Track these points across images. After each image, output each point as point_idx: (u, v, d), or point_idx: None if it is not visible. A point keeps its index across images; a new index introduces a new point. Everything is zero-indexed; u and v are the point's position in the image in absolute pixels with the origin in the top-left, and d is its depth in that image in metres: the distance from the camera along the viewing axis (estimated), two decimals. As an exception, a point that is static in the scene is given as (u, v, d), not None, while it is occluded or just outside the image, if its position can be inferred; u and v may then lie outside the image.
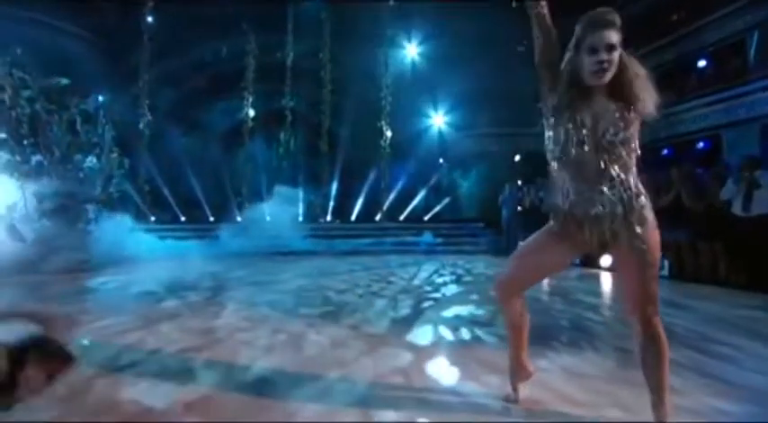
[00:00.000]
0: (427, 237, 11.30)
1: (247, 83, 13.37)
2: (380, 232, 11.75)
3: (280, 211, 12.62)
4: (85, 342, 3.07)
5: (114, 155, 8.14)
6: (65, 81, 7.67)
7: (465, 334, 3.29)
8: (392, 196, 14.01)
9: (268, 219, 13.81)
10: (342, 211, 14.40)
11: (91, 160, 7.77)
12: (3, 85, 6.87)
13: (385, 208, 13.85)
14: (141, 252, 9.01)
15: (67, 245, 7.19)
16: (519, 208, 10.29)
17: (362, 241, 10.91)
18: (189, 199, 13.52)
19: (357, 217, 14.49)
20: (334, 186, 14.22)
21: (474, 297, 4.79)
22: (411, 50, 14.54)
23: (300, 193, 13.60)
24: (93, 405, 2.10)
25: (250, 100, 13.50)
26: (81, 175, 7.56)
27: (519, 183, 10.96)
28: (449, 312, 4.02)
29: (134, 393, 2.21)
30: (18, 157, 6.87)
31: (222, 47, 13.50)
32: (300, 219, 13.49)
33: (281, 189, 12.97)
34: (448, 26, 13.10)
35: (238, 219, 13.82)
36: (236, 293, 5.05)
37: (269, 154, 14.07)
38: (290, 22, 13.59)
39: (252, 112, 13.55)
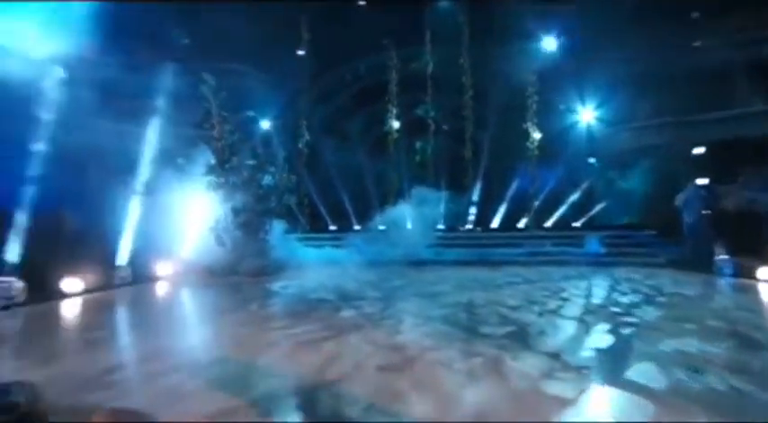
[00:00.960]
0: (593, 245, 9.97)
1: (390, 95, 13.90)
2: (533, 240, 10.87)
3: (420, 218, 12.73)
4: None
5: (285, 174, 9.19)
6: (251, 114, 8.93)
7: (715, 382, 2.60)
8: (538, 202, 12.94)
9: (409, 226, 14.08)
10: (483, 218, 13.87)
11: (268, 179, 8.88)
12: (213, 124, 8.38)
13: (531, 214, 12.86)
14: (302, 259, 9.97)
15: (253, 252, 8.31)
16: (706, 211, 8.42)
17: (514, 251, 10.22)
18: (338, 209, 14.62)
19: (500, 224, 13.79)
20: (476, 193, 13.78)
21: (689, 326, 3.89)
22: (551, 44, 13.31)
23: (441, 200, 13.52)
24: None
25: (393, 111, 14.01)
26: (260, 191, 8.69)
27: (703, 181, 9.00)
28: (666, 346, 3.30)
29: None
30: (221, 179, 8.22)
31: (365, 64, 14.28)
32: (441, 226, 13.39)
33: (420, 192, 13.02)
34: (592, 8, 11.54)
35: (381, 227, 14.38)
36: (406, 305, 5.06)
37: (410, 163, 14.39)
38: (428, 31, 13.74)
39: (395, 123, 14.02)
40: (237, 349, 3.32)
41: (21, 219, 5.63)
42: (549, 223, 13.08)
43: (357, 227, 15.17)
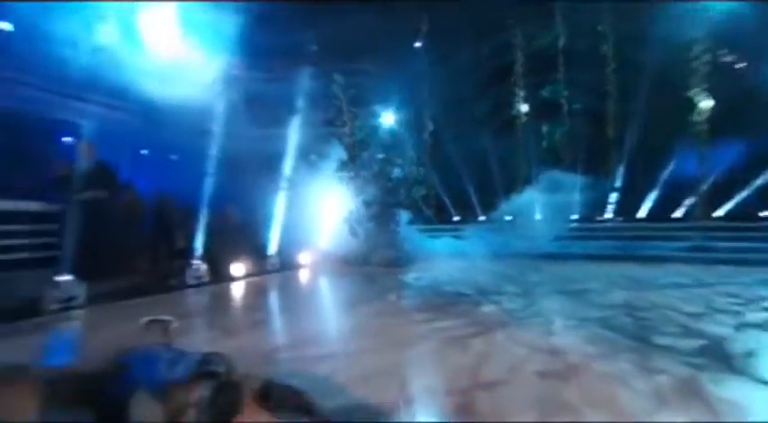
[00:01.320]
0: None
1: (516, 77, 12.98)
2: (696, 233, 9.07)
3: (551, 207, 11.63)
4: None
5: (413, 166, 9.30)
6: (378, 108, 9.21)
7: None
8: (707, 186, 10.69)
9: (538, 216, 13.03)
10: (628, 206, 12.10)
11: (397, 171, 9.08)
12: (344, 120, 8.90)
13: (695, 202, 10.72)
14: (427, 250, 9.97)
15: (384, 243, 8.60)
16: None
17: (671, 245, 8.66)
18: (462, 199, 14.30)
19: (649, 214, 11.85)
20: (618, 178, 12.07)
21: None
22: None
23: (576, 186, 12.17)
24: None
25: (520, 94, 13.07)
26: (390, 184, 8.92)
27: None
28: None
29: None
30: (353, 173, 8.69)
31: (488, 46, 13.54)
32: (575, 216, 12.11)
33: (552, 178, 11.87)
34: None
35: (507, 217, 13.62)
36: (551, 303, 4.61)
37: (540, 148, 13.28)
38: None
39: (522, 107, 13.07)
40: (386, 340, 3.38)
41: (201, 214, 6.73)
42: (719, 212, 10.78)
43: (481, 217, 14.71)
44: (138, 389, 1.90)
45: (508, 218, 13.82)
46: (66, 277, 4.58)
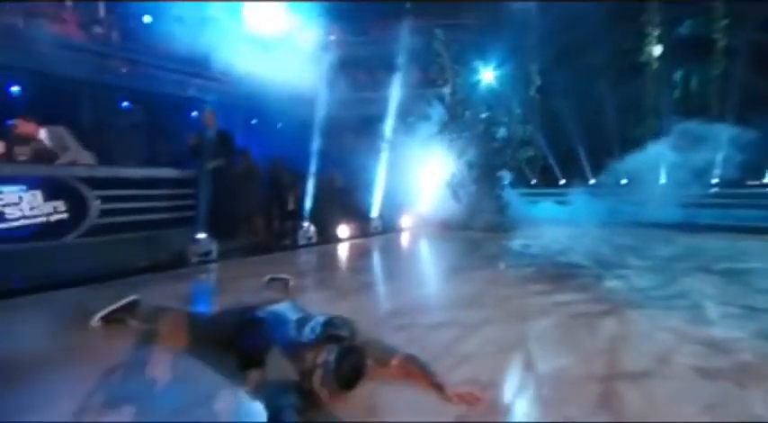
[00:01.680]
0: None
1: (647, 13, 10.89)
2: None
3: (684, 165, 9.79)
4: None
5: (520, 125, 8.51)
6: (481, 64, 8.50)
7: None
8: None
9: (663, 180, 11.22)
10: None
11: (502, 131, 8.40)
12: (447, 78, 8.41)
13: None
14: (531, 215, 9.26)
15: (488, 207, 8.17)
16: None
17: None
18: (571, 160, 12.91)
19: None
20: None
21: None
22: None
23: (720, 141, 10.03)
24: None
25: (648, 36, 11.00)
26: (495, 145, 8.32)
27: None
28: None
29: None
30: (455, 134, 8.27)
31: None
32: (715, 180, 10.14)
33: (686, 132, 9.92)
34: None
35: (623, 181, 12.01)
36: (695, 284, 3.87)
37: (672, 96, 11.20)
38: None
39: (651, 49, 11.04)
40: (503, 312, 3.15)
41: (309, 179, 7.02)
42: None
43: (591, 181, 13.26)
44: (270, 345, 1.98)
45: (623, 181, 12.25)
46: (202, 235, 5.16)
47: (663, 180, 10.62)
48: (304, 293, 3.65)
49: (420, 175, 8.55)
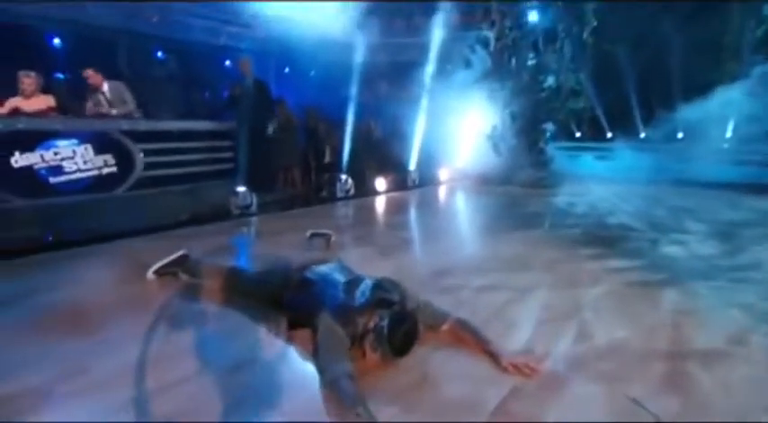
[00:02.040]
0: None
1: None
2: None
3: (755, 116, 8.75)
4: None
5: (570, 73, 7.80)
6: (531, 7, 7.68)
7: None
8: None
9: (728, 135, 10.20)
10: None
11: (550, 80, 7.75)
12: (493, 21, 7.68)
13: None
14: (575, 171, 8.72)
15: (530, 162, 7.76)
16: None
17: None
18: (621, 111, 11.92)
19: None
20: None
21: None
22: None
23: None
24: None
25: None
26: (542, 95, 7.71)
27: None
28: None
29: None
30: (499, 83, 7.70)
31: None
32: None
33: None
34: None
35: (679, 135, 11.05)
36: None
37: (754, 35, 9.84)
38: None
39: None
40: (555, 277, 2.99)
41: (345, 129, 6.82)
42: None
43: (642, 135, 12.35)
44: (320, 307, 1.96)
45: (679, 135, 11.28)
46: (242, 188, 5.19)
47: (729, 134, 9.67)
48: (345, 250, 3.63)
49: (459, 127, 8.14)
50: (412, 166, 7.71)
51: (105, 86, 5.12)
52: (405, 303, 1.98)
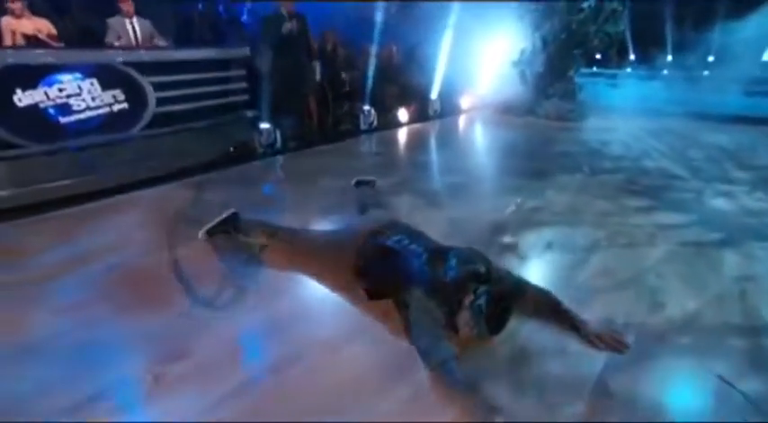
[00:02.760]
0: None
1: None
2: None
3: None
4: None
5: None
6: None
7: None
8: None
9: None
10: None
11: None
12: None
13: None
14: (601, 101, 8.32)
15: (557, 92, 7.34)
16: None
17: None
18: (654, 36, 11.00)
19: None
20: None
21: None
22: None
23: None
24: None
25: None
26: (579, 17, 6.98)
27: None
28: None
29: None
30: (529, 3, 6.94)
31: None
32: None
33: None
34: None
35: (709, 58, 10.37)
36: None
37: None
38: None
39: None
40: (608, 234, 2.93)
41: (366, 54, 6.24)
42: None
43: (669, 58, 11.61)
44: (402, 279, 1.91)
45: (711, 59, 10.60)
46: (266, 125, 4.87)
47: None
48: (389, 198, 3.48)
49: (483, 51, 7.51)
50: (434, 94, 7.25)
51: (135, 20, 4.60)
52: (492, 276, 1.91)
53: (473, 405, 1.48)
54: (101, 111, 4.03)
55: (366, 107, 6.05)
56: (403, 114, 6.56)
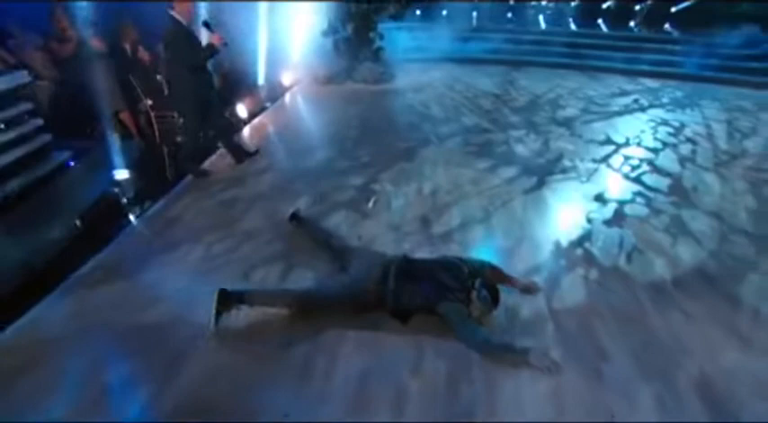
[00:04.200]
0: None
1: None
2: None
3: None
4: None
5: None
6: None
7: None
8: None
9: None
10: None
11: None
12: None
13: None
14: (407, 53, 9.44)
15: (367, 56, 8.13)
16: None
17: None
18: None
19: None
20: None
21: None
22: None
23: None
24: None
25: None
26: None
27: None
28: None
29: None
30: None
31: None
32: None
33: None
34: None
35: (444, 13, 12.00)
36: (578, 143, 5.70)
37: None
38: None
39: None
40: (485, 199, 4.06)
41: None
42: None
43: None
44: (434, 294, 2.49)
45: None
46: (123, 172, 4.08)
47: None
48: (322, 219, 3.75)
49: (292, 26, 7.49)
50: (261, 80, 7.02)
51: None
52: (472, 269, 2.61)
53: (533, 356, 2.22)
54: None
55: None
56: (242, 110, 6.25)
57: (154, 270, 2.99)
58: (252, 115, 6.34)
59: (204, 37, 4.09)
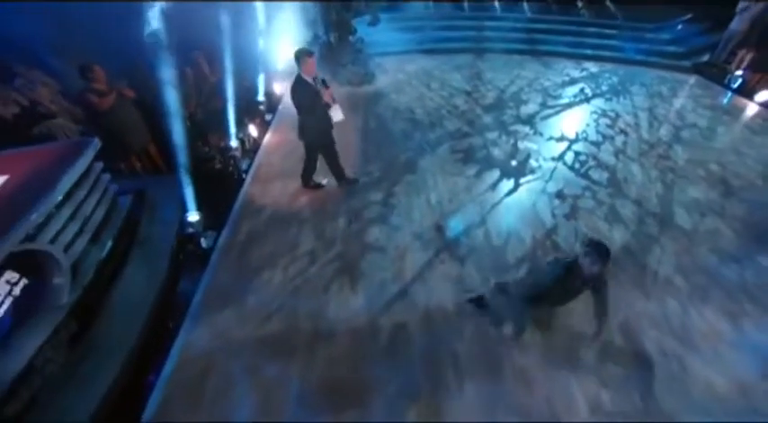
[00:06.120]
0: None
1: None
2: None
3: None
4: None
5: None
6: None
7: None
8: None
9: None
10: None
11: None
12: None
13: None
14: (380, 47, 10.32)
15: (349, 60, 9.17)
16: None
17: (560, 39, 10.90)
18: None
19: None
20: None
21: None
22: None
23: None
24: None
25: None
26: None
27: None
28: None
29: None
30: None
31: None
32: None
33: None
34: None
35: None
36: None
37: None
38: None
39: None
40: (479, 206, 5.48)
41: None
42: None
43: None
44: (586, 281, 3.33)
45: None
46: (194, 214, 5.27)
47: None
48: (361, 236, 5.32)
49: (278, 38, 8.33)
50: (261, 96, 7.95)
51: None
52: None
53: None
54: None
55: (233, 142, 6.48)
56: (253, 131, 7.23)
57: (252, 294, 4.16)
58: (261, 136, 7.32)
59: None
